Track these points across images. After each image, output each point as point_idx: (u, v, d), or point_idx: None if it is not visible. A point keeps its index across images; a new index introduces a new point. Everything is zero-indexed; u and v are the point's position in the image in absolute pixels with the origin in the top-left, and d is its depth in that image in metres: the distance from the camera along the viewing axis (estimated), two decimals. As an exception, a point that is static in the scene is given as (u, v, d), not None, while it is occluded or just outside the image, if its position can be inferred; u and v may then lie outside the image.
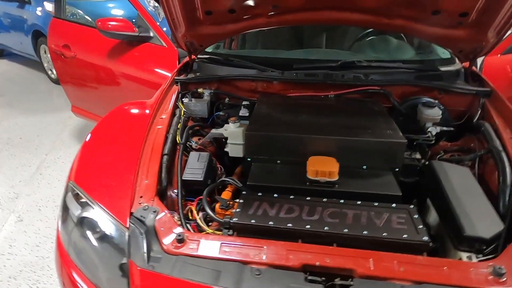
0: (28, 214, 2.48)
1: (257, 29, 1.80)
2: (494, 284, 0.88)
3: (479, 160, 1.39)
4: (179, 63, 2.28)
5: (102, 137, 1.45)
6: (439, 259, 0.98)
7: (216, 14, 1.65)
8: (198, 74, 1.95)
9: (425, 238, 1.00)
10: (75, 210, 1.14)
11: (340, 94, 1.74)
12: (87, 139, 1.43)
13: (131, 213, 1.08)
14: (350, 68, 1.83)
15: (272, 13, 1.65)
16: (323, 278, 0.92)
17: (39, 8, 5.36)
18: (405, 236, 1.02)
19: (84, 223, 1.11)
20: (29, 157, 3.28)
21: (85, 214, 1.11)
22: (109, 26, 2.30)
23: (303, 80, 1.77)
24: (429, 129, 1.58)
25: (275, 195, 1.20)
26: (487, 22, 1.52)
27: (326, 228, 1.05)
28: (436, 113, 1.59)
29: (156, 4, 5.57)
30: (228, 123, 1.53)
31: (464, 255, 1.01)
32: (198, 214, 1.19)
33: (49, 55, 5.27)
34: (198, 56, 2.01)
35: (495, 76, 2.01)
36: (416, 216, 1.09)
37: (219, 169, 1.47)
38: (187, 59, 2.12)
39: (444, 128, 1.59)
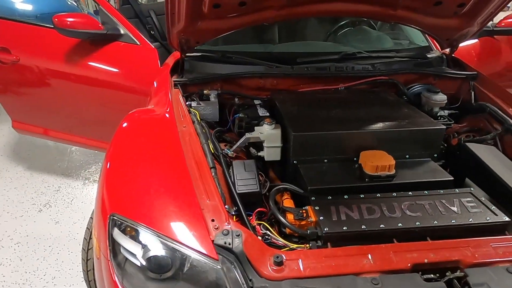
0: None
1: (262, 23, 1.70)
2: None
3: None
4: (161, 63, 2.05)
5: (128, 155, 1.21)
6: (525, 235, 1.04)
7: (225, 7, 1.51)
8: (193, 74, 1.78)
9: (506, 218, 1.06)
10: (135, 249, 0.94)
11: (351, 85, 1.75)
12: (108, 158, 1.19)
13: (212, 242, 0.93)
14: (351, 60, 1.86)
15: (283, 5, 1.57)
16: (438, 275, 0.91)
17: None
18: (488, 218, 1.07)
19: (154, 262, 0.92)
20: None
21: (153, 252, 0.92)
22: (68, 23, 1.95)
23: (316, 74, 1.73)
24: (439, 113, 1.69)
25: (345, 196, 1.15)
26: (477, 12, 1.66)
27: (417, 223, 1.05)
28: (442, 98, 1.71)
29: (77, -2, 4.98)
30: (258, 126, 1.43)
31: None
32: (273, 229, 1.08)
33: None
34: (187, 54, 1.82)
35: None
36: (483, 198, 1.15)
37: (261, 175, 1.36)
38: (173, 58, 1.93)
39: (451, 111, 1.71)
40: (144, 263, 0.92)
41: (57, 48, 2.15)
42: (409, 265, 0.92)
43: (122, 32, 2.09)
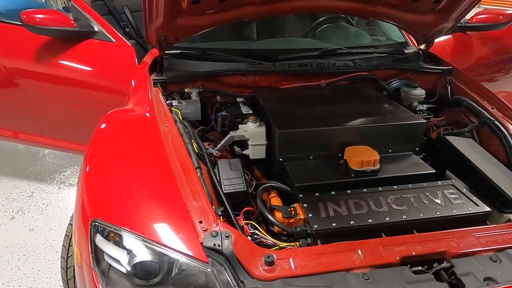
0: None
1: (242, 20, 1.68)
2: None
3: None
4: (138, 61, 1.98)
5: (109, 157, 1.16)
6: (505, 224, 1.08)
7: (204, 3, 1.48)
8: (173, 72, 1.73)
9: (487, 208, 1.10)
10: (120, 255, 0.90)
11: (332, 82, 1.76)
12: (87, 161, 1.14)
13: (201, 244, 0.90)
14: (331, 56, 1.87)
15: (264, 2, 1.55)
16: (425, 267, 0.93)
17: None
18: (470, 209, 1.10)
19: (140, 268, 0.88)
20: None
21: (139, 258, 0.88)
22: (38, 19, 1.85)
23: (298, 71, 1.73)
24: (418, 108, 1.72)
25: (332, 192, 1.16)
26: (452, 8, 1.70)
27: (404, 217, 1.06)
28: (421, 92, 1.74)
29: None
30: (242, 124, 1.41)
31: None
32: (261, 228, 1.07)
33: None
34: (166, 51, 1.77)
35: (437, 55, 2.25)
36: (464, 190, 1.18)
37: (247, 174, 1.34)
38: (151, 56, 1.87)
39: (430, 106, 1.75)
40: (129, 269, 0.88)
41: (26, 46, 2.04)
42: (398, 258, 0.93)
43: (96, 29, 2.00)
